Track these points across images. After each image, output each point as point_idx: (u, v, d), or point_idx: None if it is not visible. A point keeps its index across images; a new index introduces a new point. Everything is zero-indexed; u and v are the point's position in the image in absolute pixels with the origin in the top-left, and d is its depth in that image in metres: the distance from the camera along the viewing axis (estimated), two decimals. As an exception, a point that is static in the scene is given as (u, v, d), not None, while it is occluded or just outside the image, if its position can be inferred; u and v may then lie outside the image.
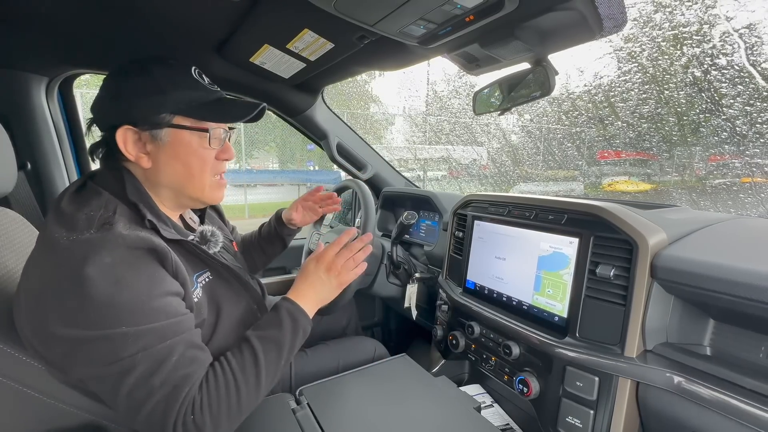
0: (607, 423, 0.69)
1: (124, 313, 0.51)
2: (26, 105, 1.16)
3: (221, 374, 0.58)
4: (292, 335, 0.65)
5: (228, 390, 0.57)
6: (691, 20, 2.80)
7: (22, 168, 1.18)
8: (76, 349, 0.51)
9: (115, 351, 0.51)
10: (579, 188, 4.95)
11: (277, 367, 0.63)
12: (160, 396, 0.52)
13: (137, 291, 0.52)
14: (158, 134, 0.62)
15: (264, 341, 0.63)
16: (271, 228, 1.11)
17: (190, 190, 0.67)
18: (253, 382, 0.59)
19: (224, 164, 0.71)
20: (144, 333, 0.52)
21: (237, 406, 0.57)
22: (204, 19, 0.88)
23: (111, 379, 0.52)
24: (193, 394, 0.54)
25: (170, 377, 0.53)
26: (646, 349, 0.68)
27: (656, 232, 0.70)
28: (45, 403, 0.59)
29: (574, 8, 0.65)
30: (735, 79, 2.55)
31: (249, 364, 0.60)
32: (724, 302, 0.59)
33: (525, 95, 0.90)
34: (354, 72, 1.17)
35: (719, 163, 3.02)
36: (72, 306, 0.51)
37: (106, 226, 0.55)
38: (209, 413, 0.54)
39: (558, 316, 0.81)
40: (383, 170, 1.71)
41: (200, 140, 0.65)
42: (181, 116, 0.63)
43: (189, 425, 0.53)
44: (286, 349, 0.64)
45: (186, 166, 0.65)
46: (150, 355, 0.52)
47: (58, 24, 0.88)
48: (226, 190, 0.73)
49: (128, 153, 0.62)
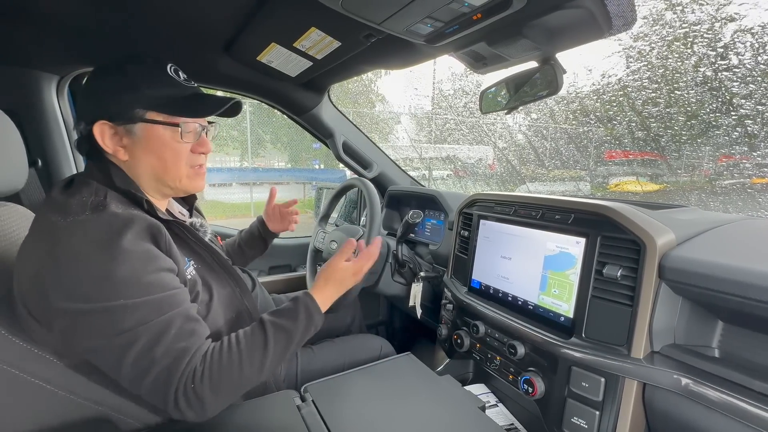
0: (613, 424, 0.69)
1: (121, 286, 0.54)
2: (37, 103, 1.17)
3: (227, 350, 0.60)
4: (304, 330, 0.68)
5: (231, 366, 0.59)
6: (703, 18, 2.76)
7: (33, 165, 1.20)
8: (77, 322, 0.54)
9: (115, 323, 0.54)
10: (586, 188, 4.91)
11: (283, 356, 0.65)
12: (162, 366, 0.55)
13: (132, 266, 0.55)
14: (132, 129, 0.66)
15: (277, 329, 0.65)
16: (253, 230, 1.14)
17: (167, 180, 0.70)
18: (257, 365, 0.62)
19: (202, 156, 0.74)
20: (141, 305, 0.55)
21: (238, 383, 0.60)
22: (212, 18, 0.88)
23: (114, 352, 0.55)
24: (194, 365, 0.57)
25: (171, 348, 0.56)
26: (653, 350, 0.67)
27: (664, 232, 0.69)
28: (56, 394, 0.60)
29: (582, 6, 0.64)
30: (747, 78, 2.51)
31: (258, 347, 0.62)
32: (734, 304, 0.58)
33: (532, 94, 0.89)
34: (360, 71, 1.17)
35: (729, 164, 2.98)
36: (71, 281, 0.53)
37: (99, 207, 0.58)
38: (209, 384, 0.57)
39: (564, 316, 0.80)
40: (389, 169, 1.71)
41: (173, 134, 0.68)
42: (154, 112, 0.66)
43: (189, 394, 0.56)
44: (295, 342, 0.67)
45: (160, 159, 0.68)
46: (149, 328, 0.55)
47: (68, 23, 0.89)
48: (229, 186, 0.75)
49: (106, 146, 0.66)
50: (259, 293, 0.97)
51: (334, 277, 0.77)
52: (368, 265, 0.81)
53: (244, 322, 0.78)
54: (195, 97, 0.70)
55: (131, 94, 0.65)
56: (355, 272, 0.79)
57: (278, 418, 0.68)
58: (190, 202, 0.88)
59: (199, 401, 0.56)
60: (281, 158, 10.45)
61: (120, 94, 0.65)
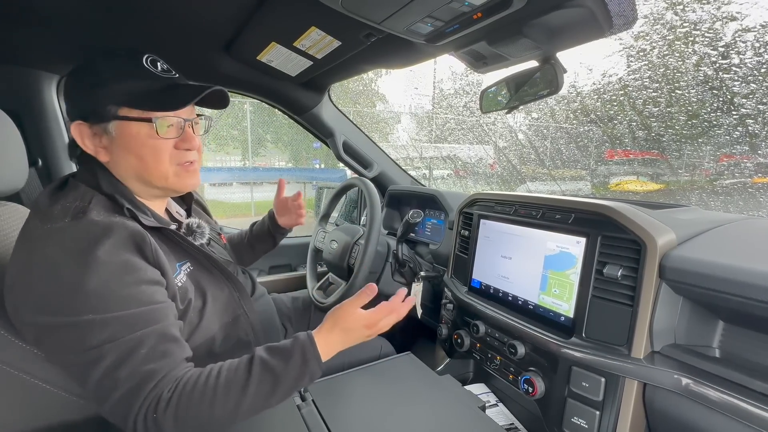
0: (613, 424, 0.69)
1: (91, 300, 0.51)
2: (37, 102, 1.17)
3: (203, 383, 0.55)
4: (296, 377, 0.59)
5: (202, 402, 0.53)
6: (704, 17, 2.76)
7: (34, 165, 1.20)
8: (44, 336, 0.52)
9: (82, 340, 0.51)
10: (586, 188, 4.90)
11: (264, 402, 0.58)
12: (124, 389, 0.51)
13: (106, 277, 0.52)
14: (107, 128, 0.62)
15: (264, 368, 0.58)
16: (264, 227, 1.12)
17: (152, 180, 0.66)
18: (231, 406, 0.55)
19: (189, 153, 0.68)
20: (111, 321, 0.51)
21: (206, 422, 0.54)
22: (212, 17, 0.88)
23: (79, 368, 0.52)
24: (161, 391, 0.53)
25: (137, 371, 0.52)
26: (653, 350, 0.67)
27: (665, 232, 0.69)
28: (55, 394, 0.60)
29: (583, 5, 0.64)
30: (748, 78, 2.51)
31: (237, 385, 0.56)
32: (735, 304, 0.58)
33: (533, 93, 0.89)
34: (360, 70, 1.17)
35: (730, 163, 2.97)
36: (41, 292, 0.51)
37: (79, 215, 0.56)
38: (173, 417, 0.52)
39: (564, 316, 0.80)
40: (389, 168, 1.71)
41: (149, 131, 0.63)
42: (126, 107, 0.62)
43: (149, 423, 0.52)
44: (282, 388, 0.58)
45: (139, 157, 0.64)
46: (117, 346, 0.51)
47: (68, 22, 0.89)
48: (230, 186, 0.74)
49: (86, 147, 0.63)
50: (259, 294, 0.97)
51: (343, 325, 0.67)
52: (386, 322, 0.70)
53: (241, 326, 0.77)
54: (168, 89, 0.65)
55: (101, 90, 0.61)
56: (369, 325, 0.68)
57: (278, 418, 0.68)
58: (187, 202, 0.86)
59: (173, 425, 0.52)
60: (282, 158, 10.45)
61: (90, 91, 0.62)
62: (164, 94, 0.64)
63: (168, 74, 0.67)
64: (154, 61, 0.67)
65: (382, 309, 0.70)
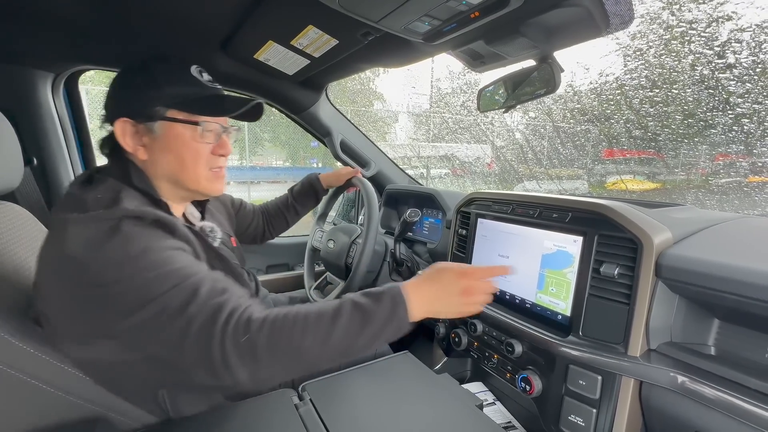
0: (610, 422, 0.69)
1: (141, 263, 0.54)
2: (32, 101, 1.16)
3: (294, 312, 0.56)
4: (386, 319, 0.59)
5: (294, 327, 0.54)
6: (700, 17, 2.77)
7: (29, 163, 1.19)
8: (107, 305, 0.53)
9: (144, 295, 0.53)
10: (583, 187, 4.92)
11: (352, 340, 0.57)
12: (201, 321, 0.52)
13: (149, 245, 0.55)
14: (153, 127, 0.65)
15: (354, 306, 0.59)
16: (303, 187, 1.25)
17: (185, 181, 0.70)
18: (321, 335, 0.55)
19: (221, 159, 0.73)
20: (166, 275, 0.54)
21: (297, 349, 0.54)
22: (209, 15, 0.88)
23: (149, 324, 0.53)
24: (245, 316, 0.54)
25: (206, 304, 0.53)
26: (649, 348, 0.68)
27: (661, 231, 0.69)
28: (52, 395, 0.59)
29: (580, 4, 0.64)
30: (743, 77, 2.52)
31: (326, 316, 0.57)
32: (730, 302, 0.59)
33: (530, 93, 0.89)
34: (358, 69, 1.17)
35: (726, 162, 2.99)
36: (93, 270, 0.53)
37: (113, 204, 0.58)
38: (267, 338, 0.53)
39: (561, 315, 0.80)
40: (387, 168, 1.70)
41: (192, 133, 0.67)
42: (175, 110, 0.66)
43: (242, 344, 0.52)
44: (370, 329, 0.58)
45: (178, 158, 0.67)
46: (179, 290, 0.54)
47: (64, 20, 0.88)
48: (227, 185, 0.76)
49: (126, 144, 0.66)
50: (262, 296, 0.97)
51: (436, 276, 0.65)
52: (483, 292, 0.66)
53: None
54: (216, 98, 0.70)
55: (153, 91, 0.65)
56: (467, 289, 0.64)
57: (276, 417, 0.68)
58: (202, 205, 0.87)
59: (252, 354, 0.52)
60: (279, 157, 10.42)
61: (142, 91, 0.65)
62: (212, 101, 0.69)
63: (213, 84, 0.72)
64: (200, 71, 0.71)
65: (480, 269, 0.66)
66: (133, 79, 0.67)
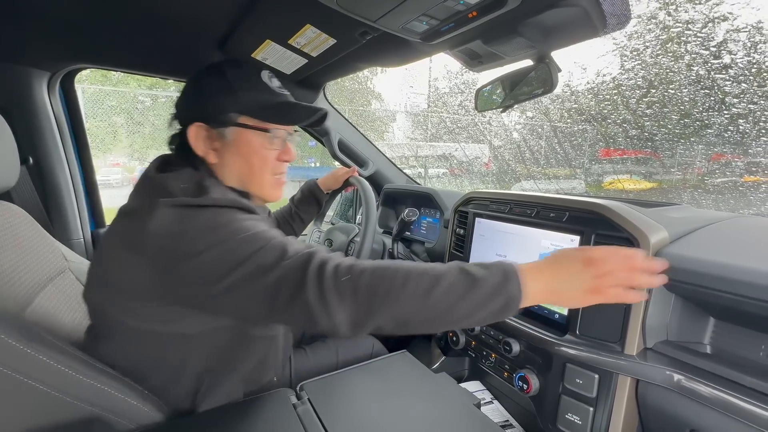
0: (607, 420, 0.69)
1: (231, 227, 0.56)
2: (28, 100, 1.16)
3: (399, 263, 0.55)
4: (493, 289, 0.52)
5: (396, 275, 0.52)
6: (696, 18, 2.79)
7: (24, 163, 1.19)
8: (201, 272, 0.54)
9: (237, 256, 0.54)
10: (580, 186, 4.94)
11: (458, 300, 0.52)
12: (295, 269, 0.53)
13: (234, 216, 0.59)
14: (225, 132, 0.67)
15: (462, 271, 0.54)
16: (303, 195, 1.21)
17: (250, 186, 0.72)
18: (423, 288, 0.52)
19: (284, 165, 0.75)
20: (254, 236, 0.56)
21: (398, 294, 0.51)
22: (206, 14, 0.88)
23: (242, 284, 0.54)
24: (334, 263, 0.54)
25: (298, 255, 0.54)
26: (646, 346, 0.68)
27: (658, 230, 0.70)
28: (47, 394, 0.59)
29: (577, 4, 0.64)
30: (739, 77, 2.54)
31: (432, 273, 0.53)
32: (725, 301, 0.59)
33: (527, 92, 0.89)
34: (356, 68, 1.17)
35: (722, 162, 3.01)
36: (186, 241, 0.55)
37: (200, 192, 0.61)
38: (369, 280, 0.52)
39: (558, 314, 0.81)
40: (384, 167, 1.70)
41: (262, 140, 0.69)
42: (247, 116, 0.68)
43: (343, 283, 0.52)
44: (476, 296, 0.52)
45: (248, 163, 0.70)
46: (270, 248, 0.55)
47: (59, 19, 0.88)
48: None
49: (197, 148, 0.67)
50: None
51: (558, 255, 0.57)
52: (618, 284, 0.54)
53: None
54: (286, 105, 0.71)
55: (228, 97, 0.67)
56: (596, 287, 0.53)
57: (274, 417, 0.68)
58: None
59: (353, 295, 0.51)
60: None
61: (218, 96, 0.67)
62: (283, 108, 0.71)
63: (282, 91, 0.73)
64: (270, 76, 0.73)
65: (607, 248, 0.56)
66: (209, 85, 0.68)
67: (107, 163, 5.89)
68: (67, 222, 1.31)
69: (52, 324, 0.76)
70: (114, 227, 0.64)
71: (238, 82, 0.68)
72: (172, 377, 0.66)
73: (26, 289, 0.73)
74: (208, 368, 0.67)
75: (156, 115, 5.30)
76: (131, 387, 0.64)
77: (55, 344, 0.59)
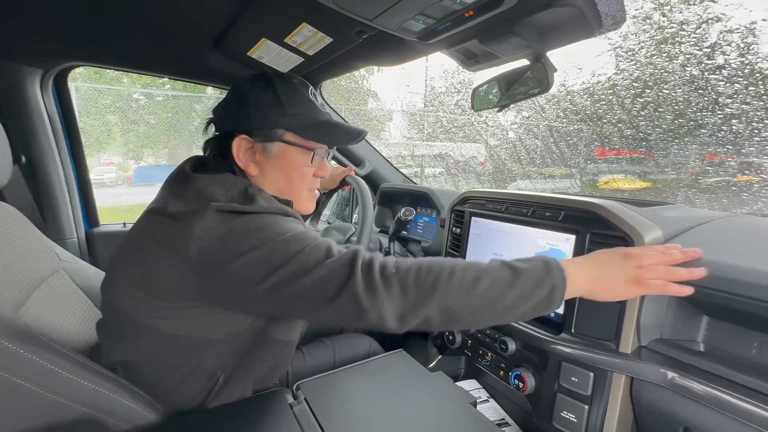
0: (601, 418, 0.70)
1: (276, 228, 0.57)
2: (20, 97, 1.15)
3: (442, 259, 0.57)
4: (536, 281, 0.54)
5: (442, 270, 0.54)
6: (690, 18, 2.81)
7: (17, 161, 1.17)
8: (247, 272, 0.55)
9: (283, 255, 0.55)
10: (576, 186, 4.96)
11: (503, 292, 0.54)
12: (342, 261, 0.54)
13: (277, 219, 0.60)
14: (269, 146, 0.68)
15: (504, 265, 0.56)
16: None
17: (287, 200, 0.72)
18: (467, 283, 0.53)
19: (318, 180, 0.76)
20: (298, 237, 0.57)
21: (444, 288, 0.53)
22: (201, 12, 0.87)
23: (287, 283, 0.54)
24: (380, 260, 0.55)
25: (343, 253, 0.56)
26: (640, 345, 0.68)
27: (652, 229, 0.70)
28: (41, 396, 0.58)
29: (573, 5, 0.65)
30: (732, 78, 2.56)
31: (475, 268, 0.55)
32: (718, 299, 0.60)
33: (523, 92, 0.90)
34: (352, 67, 1.17)
35: (715, 162, 3.04)
36: (233, 242, 0.55)
37: (247, 200, 0.61)
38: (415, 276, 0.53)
39: (554, 312, 0.81)
40: (381, 166, 1.70)
41: (304, 158, 0.71)
42: (293, 133, 0.68)
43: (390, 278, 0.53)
44: (520, 287, 0.54)
45: (287, 179, 0.71)
46: (315, 248, 0.56)
47: (53, 15, 0.87)
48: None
49: (239, 160, 0.68)
50: None
51: (601, 257, 0.59)
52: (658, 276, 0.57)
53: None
54: (328, 124, 0.71)
55: (276, 113, 0.67)
56: (637, 278, 0.56)
57: (270, 417, 0.68)
58: None
59: (401, 287, 0.52)
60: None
61: (266, 111, 0.67)
62: (327, 128, 0.71)
63: (324, 109, 0.73)
64: (314, 93, 0.73)
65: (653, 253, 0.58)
66: (257, 98, 0.67)
67: (101, 162, 5.84)
68: (60, 221, 1.30)
69: (46, 324, 0.76)
70: (148, 227, 0.63)
71: (287, 97, 0.68)
72: (183, 379, 0.66)
73: (19, 290, 0.72)
74: (224, 370, 0.67)
75: (151, 113, 5.26)
76: (126, 387, 0.64)
77: (48, 345, 0.59)
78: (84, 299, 0.89)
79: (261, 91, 0.68)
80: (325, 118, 0.71)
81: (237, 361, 0.68)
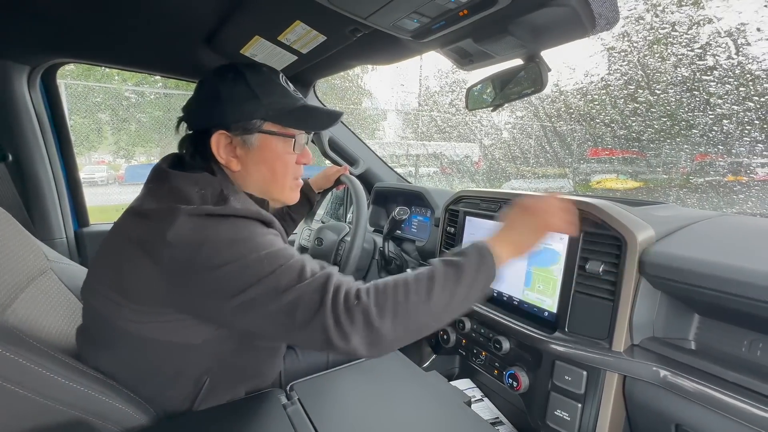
0: (595, 416, 0.70)
1: (250, 244, 0.56)
2: (6, 94, 1.12)
3: (393, 279, 0.58)
4: (476, 268, 0.60)
5: (396, 290, 0.56)
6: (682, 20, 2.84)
7: (4, 160, 1.15)
8: (218, 286, 0.54)
9: (255, 273, 0.54)
10: (569, 185, 5.00)
11: (454, 290, 0.58)
12: (312, 288, 0.54)
13: (254, 231, 0.58)
14: (249, 139, 0.66)
15: (445, 264, 0.60)
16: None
17: (272, 192, 0.72)
18: (423, 293, 0.56)
19: (302, 168, 0.75)
20: (274, 255, 0.56)
21: (404, 306, 0.55)
22: (193, 8, 0.86)
23: (259, 301, 0.54)
24: (352, 286, 0.56)
25: (315, 279, 0.55)
26: (633, 343, 0.69)
27: (644, 228, 0.71)
28: (29, 398, 0.57)
29: (567, 5, 0.65)
30: (723, 79, 2.59)
31: (424, 278, 0.58)
32: (709, 297, 0.60)
33: (517, 91, 0.90)
34: (346, 66, 1.16)
35: (705, 162, 3.08)
36: (205, 253, 0.54)
37: (221, 201, 0.60)
38: (375, 302, 0.54)
39: (548, 312, 0.81)
40: (375, 166, 1.70)
41: (285, 146, 0.69)
42: (270, 122, 0.67)
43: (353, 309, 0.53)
44: (466, 279, 0.59)
45: (271, 170, 0.69)
46: (288, 269, 0.55)
47: (40, 11, 0.85)
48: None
49: (220, 156, 0.66)
50: None
51: (506, 218, 0.68)
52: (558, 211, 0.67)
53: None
54: (305, 110, 0.70)
55: (252, 104, 0.65)
56: (539, 216, 0.67)
57: (264, 417, 0.67)
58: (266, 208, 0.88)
59: (365, 319, 0.53)
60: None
61: (242, 103, 0.65)
62: (305, 113, 0.70)
63: (297, 94, 0.72)
64: (286, 80, 0.72)
65: (540, 197, 0.69)
66: (230, 91, 0.65)
67: (92, 161, 5.76)
68: (48, 221, 1.27)
69: (33, 326, 0.74)
70: (124, 227, 0.62)
71: (259, 87, 0.66)
72: (167, 383, 0.64)
73: (6, 291, 0.70)
74: (209, 375, 0.66)
75: (142, 112, 5.20)
76: (116, 390, 0.63)
77: (35, 347, 0.58)
78: (73, 300, 0.88)
79: (232, 83, 0.66)
80: (301, 104, 0.71)
81: (222, 365, 0.66)
